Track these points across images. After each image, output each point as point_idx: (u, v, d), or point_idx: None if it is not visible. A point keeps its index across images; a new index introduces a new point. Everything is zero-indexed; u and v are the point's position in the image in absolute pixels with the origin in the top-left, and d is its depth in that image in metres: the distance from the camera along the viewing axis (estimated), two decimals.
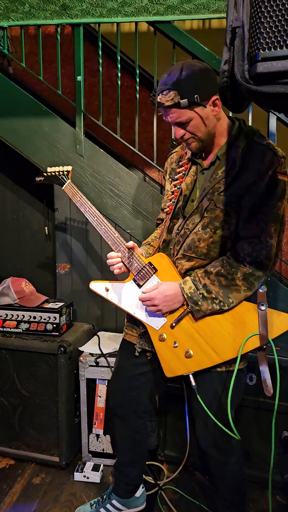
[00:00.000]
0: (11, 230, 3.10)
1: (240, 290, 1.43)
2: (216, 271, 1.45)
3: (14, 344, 2.22)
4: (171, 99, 1.38)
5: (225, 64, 0.79)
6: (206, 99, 1.39)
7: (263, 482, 2.08)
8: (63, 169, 1.98)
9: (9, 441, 2.31)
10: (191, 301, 1.46)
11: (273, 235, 1.40)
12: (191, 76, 1.37)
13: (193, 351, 1.50)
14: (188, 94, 1.36)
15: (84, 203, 1.81)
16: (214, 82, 1.41)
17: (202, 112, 1.40)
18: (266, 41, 0.70)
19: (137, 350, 1.68)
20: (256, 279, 1.43)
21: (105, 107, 3.15)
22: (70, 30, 3.31)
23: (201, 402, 1.47)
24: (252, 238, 1.41)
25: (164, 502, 2.00)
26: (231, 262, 1.44)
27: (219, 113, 1.44)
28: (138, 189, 2.50)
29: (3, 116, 2.57)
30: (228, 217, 1.45)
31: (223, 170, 1.46)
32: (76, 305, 2.64)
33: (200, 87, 1.37)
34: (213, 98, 1.40)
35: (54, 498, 2.03)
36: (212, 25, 3.38)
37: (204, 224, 1.49)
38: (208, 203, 1.48)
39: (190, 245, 1.52)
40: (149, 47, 2.48)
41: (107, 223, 1.71)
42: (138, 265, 1.61)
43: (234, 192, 1.43)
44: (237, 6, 0.76)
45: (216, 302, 1.44)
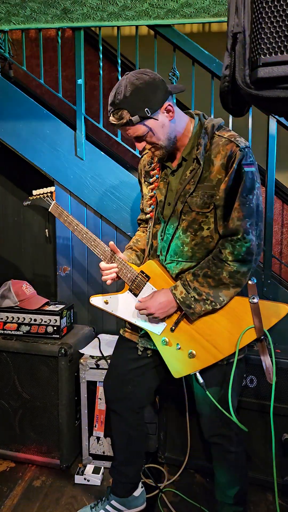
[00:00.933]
0: (11, 233, 3.11)
1: (229, 287, 1.46)
2: (203, 273, 1.47)
3: (14, 346, 2.22)
4: (122, 118, 1.40)
5: (226, 69, 0.79)
6: (158, 109, 1.40)
7: (263, 485, 2.08)
8: (46, 190, 2.00)
9: (10, 443, 2.31)
10: (184, 305, 1.49)
11: (249, 229, 1.41)
12: (137, 90, 1.37)
13: (196, 351, 1.53)
14: (138, 110, 1.38)
15: (71, 221, 1.82)
16: (162, 89, 1.41)
17: (156, 123, 1.42)
18: (267, 47, 0.71)
19: (140, 349, 1.71)
20: (243, 275, 1.45)
21: (105, 110, 3.16)
22: (71, 34, 3.33)
23: (211, 397, 1.51)
24: (231, 236, 1.43)
25: (164, 505, 2.00)
26: (216, 263, 1.46)
27: (174, 117, 1.45)
28: (138, 192, 2.50)
29: (4, 119, 2.57)
30: (206, 218, 1.47)
31: (190, 170, 1.48)
32: (77, 307, 2.64)
33: (149, 100, 1.38)
34: (165, 106, 1.41)
35: (54, 501, 2.03)
36: (212, 29, 3.40)
37: (184, 228, 1.51)
38: (182, 206, 1.50)
39: (175, 250, 1.55)
40: (149, 51, 2.49)
41: (96, 238, 1.73)
42: (131, 275, 1.64)
43: (204, 192, 1.44)
44: (238, 11, 0.76)
45: (208, 303, 1.47)
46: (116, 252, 1.66)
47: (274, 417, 2.02)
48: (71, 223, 1.81)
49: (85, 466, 2.23)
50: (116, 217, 2.53)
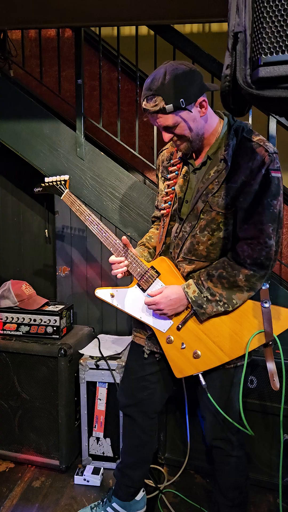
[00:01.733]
0: (11, 233, 3.10)
1: (243, 290, 1.44)
2: (218, 274, 1.46)
3: (14, 347, 2.22)
4: (156, 105, 1.37)
5: (227, 69, 0.79)
6: (192, 102, 1.38)
7: (265, 486, 2.08)
8: (60, 178, 1.97)
9: (9, 444, 2.30)
10: (196, 305, 1.47)
11: (271, 235, 1.39)
12: (175, 80, 1.34)
13: (201, 352, 1.52)
14: (173, 99, 1.35)
15: (83, 211, 1.79)
16: (199, 83, 1.39)
17: (188, 115, 1.40)
18: (268, 46, 0.71)
19: (146, 352, 1.69)
20: (258, 279, 1.44)
21: (105, 110, 3.16)
22: (71, 34, 3.33)
23: (212, 400, 1.50)
24: (251, 240, 1.41)
25: (164, 506, 2.00)
26: (232, 264, 1.44)
27: (206, 114, 1.43)
28: (138, 192, 2.50)
29: (3, 119, 2.57)
30: (225, 219, 1.46)
31: (215, 170, 1.46)
32: (76, 307, 2.64)
33: (185, 90, 1.35)
34: (200, 100, 1.39)
35: (54, 502, 2.02)
36: (212, 29, 3.40)
37: (202, 227, 1.49)
38: (203, 205, 1.48)
39: (189, 248, 1.53)
40: (149, 51, 2.49)
41: (107, 230, 1.70)
42: (141, 270, 1.62)
43: (228, 193, 1.42)
44: (239, 11, 0.76)
45: (220, 304, 1.45)
46: (128, 246, 1.63)
47: (274, 417, 2.03)
48: (83, 213, 1.79)
49: (84, 466, 2.22)
50: (116, 217, 2.53)
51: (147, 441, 1.83)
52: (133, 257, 1.63)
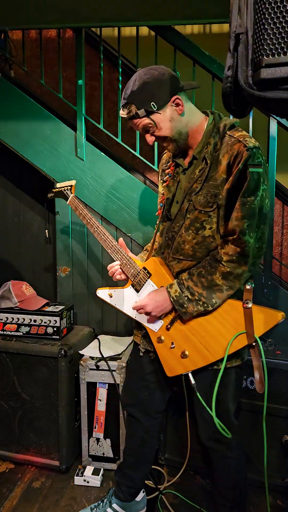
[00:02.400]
0: (11, 233, 3.10)
1: (222, 289, 1.44)
2: (198, 272, 1.47)
3: (14, 347, 2.22)
4: (130, 111, 1.45)
5: (228, 70, 0.79)
6: (165, 103, 1.43)
7: (263, 486, 2.07)
8: (67, 184, 2.11)
9: (9, 444, 2.30)
10: (177, 304, 1.49)
11: (246, 230, 1.37)
12: (144, 85, 1.41)
13: (189, 351, 1.54)
14: (144, 104, 1.42)
15: (85, 215, 1.89)
16: (170, 85, 1.42)
17: (164, 117, 1.45)
18: (270, 47, 0.71)
19: (141, 350, 1.73)
20: (236, 277, 1.42)
21: (105, 111, 3.16)
22: (72, 34, 3.33)
23: (201, 399, 1.50)
24: (228, 237, 1.42)
25: (164, 506, 2.00)
26: (211, 263, 1.45)
27: (184, 111, 1.46)
28: (138, 193, 2.50)
29: (4, 120, 2.57)
30: (207, 217, 1.46)
31: (199, 169, 1.48)
32: (77, 308, 2.64)
33: (155, 94, 1.41)
34: (173, 99, 1.43)
35: (54, 503, 2.02)
36: (212, 30, 3.40)
37: (186, 226, 1.51)
38: (187, 205, 1.50)
39: (177, 247, 1.55)
40: (150, 52, 2.49)
41: (105, 232, 1.79)
42: (134, 271, 1.67)
43: (209, 191, 1.43)
44: (240, 12, 0.76)
45: (200, 304, 1.46)
46: (123, 248, 1.71)
47: (274, 418, 2.03)
48: (85, 217, 1.88)
49: (84, 467, 2.22)
50: (116, 218, 2.53)
51: (149, 442, 1.83)
52: (128, 258, 1.69)
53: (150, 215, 2.49)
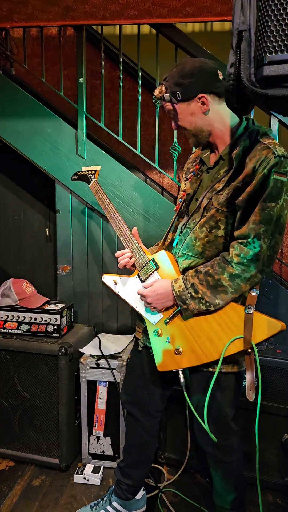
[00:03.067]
0: (12, 232, 3.10)
1: (227, 291, 1.42)
2: (205, 271, 1.46)
3: (14, 345, 2.22)
4: (159, 92, 1.51)
5: (231, 67, 0.79)
6: (191, 96, 1.46)
7: (263, 485, 2.08)
8: (92, 168, 2.18)
9: (9, 442, 2.30)
10: (179, 300, 1.48)
11: (262, 235, 1.36)
12: (179, 72, 1.45)
13: (183, 349, 1.53)
14: (171, 90, 1.47)
15: (104, 200, 1.92)
16: (205, 81, 1.44)
17: (186, 108, 1.48)
18: (273, 45, 0.70)
19: (140, 345, 1.73)
20: (243, 281, 1.41)
21: (106, 109, 3.16)
22: (72, 32, 3.32)
23: (187, 398, 1.51)
24: (242, 239, 1.40)
25: (164, 505, 2.00)
26: (219, 262, 1.44)
27: (209, 110, 1.47)
28: (139, 191, 2.50)
29: (5, 118, 2.57)
30: (224, 217, 1.46)
31: (224, 170, 1.48)
32: (77, 306, 2.64)
33: (184, 84, 1.44)
34: (199, 96, 1.45)
35: (54, 500, 2.02)
36: (214, 28, 3.39)
37: (201, 223, 1.50)
38: (206, 202, 1.50)
39: (188, 243, 1.54)
40: (151, 50, 2.48)
41: (121, 220, 1.79)
42: (142, 261, 1.66)
43: (231, 192, 1.42)
44: (243, 9, 0.76)
45: (202, 302, 1.44)
46: (136, 238, 1.72)
47: (274, 417, 2.03)
48: (104, 202, 1.91)
49: (84, 465, 2.22)
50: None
51: (149, 441, 1.83)
52: (138, 248, 1.69)
53: (151, 214, 2.49)
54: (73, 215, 2.61)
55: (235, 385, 1.57)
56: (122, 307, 2.62)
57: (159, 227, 2.48)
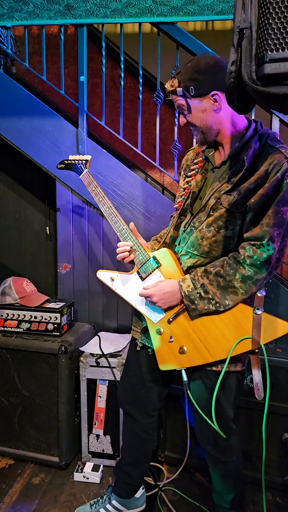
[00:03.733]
0: (12, 230, 3.10)
1: (238, 292, 1.43)
2: (216, 271, 1.45)
3: (14, 343, 2.22)
4: (171, 85, 1.47)
5: (232, 65, 0.79)
6: (204, 93, 1.43)
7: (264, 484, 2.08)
8: (82, 158, 2.05)
9: (9, 440, 2.31)
10: (188, 300, 1.47)
11: (276, 239, 1.38)
12: (194, 67, 1.42)
13: (187, 348, 1.52)
14: (185, 84, 1.43)
15: (99, 192, 1.83)
16: (219, 78, 1.42)
17: (199, 104, 1.45)
18: (274, 42, 0.70)
19: (138, 345, 1.71)
20: (255, 283, 1.42)
21: (107, 108, 3.15)
22: (73, 31, 3.32)
23: (191, 397, 1.50)
24: (255, 241, 1.41)
25: (164, 503, 2.00)
26: (231, 263, 1.44)
27: (221, 108, 1.45)
28: (140, 190, 2.50)
29: (5, 116, 2.57)
30: (233, 217, 1.46)
31: (233, 170, 1.47)
32: (77, 305, 2.64)
33: (199, 80, 1.41)
34: (212, 93, 1.43)
35: (53, 498, 2.02)
36: (215, 27, 3.39)
37: (209, 223, 1.49)
38: (214, 202, 1.49)
39: (193, 242, 1.53)
40: (152, 48, 2.48)
41: (117, 214, 1.72)
42: (143, 258, 1.63)
43: (241, 193, 1.42)
44: (245, 7, 0.76)
45: (212, 303, 1.44)
46: (134, 233, 1.66)
47: (274, 416, 2.03)
48: (97, 194, 1.83)
49: (84, 463, 2.23)
50: None
51: (147, 439, 1.83)
52: (138, 244, 1.64)
53: (152, 212, 2.49)
54: (73, 213, 2.61)
55: (236, 385, 1.57)
56: (123, 306, 2.62)
57: (159, 226, 2.47)
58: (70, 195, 2.60)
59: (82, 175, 1.97)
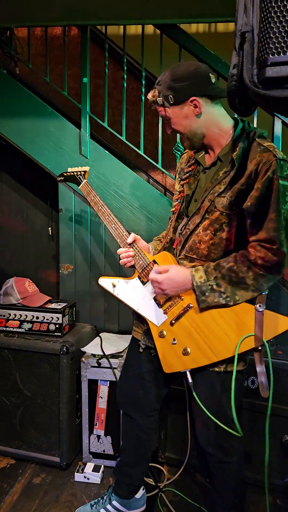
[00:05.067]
0: (15, 231, 3.11)
1: (248, 289, 1.43)
2: (229, 267, 1.44)
3: (16, 344, 2.23)
4: (152, 95, 1.51)
5: (234, 68, 0.79)
6: (182, 100, 1.46)
7: (263, 486, 2.07)
8: (81, 169, 2.11)
9: (10, 440, 2.31)
10: (199, 291, 1.46)
11: (284, 242, 1.39)
12: (171, 76, 1.45)
13: (191, 349, 1.52)
14: (163, 94, 1.47)
15: (97, 201, 1.88)
16: (197, 84, 1.45)
17: (180, 111, 1.49)
18: (275, 46, 0.70)
19: (141, 346, 1.72)
20: (266, 281, 1.43)
21: (110, 109, 3.16)
22: (77, 32, 3.33)
23: (197, 398, 1.49)
24: (265, 243, 1.40)
25: (164, 504, 2.00)
26: (244, 261, 1.43)
27: (201, 113, 1.47)
28: (142, 191, 2.51)
29: (9, 117, 2.58)
30: (228, 219, 1.46)
31: (224, 171, 1.48)
32: (79, 305, 2.64)
33: (177, 87, 1.45)
34: (191, 99, 1.46)
35: (54, 498, 2.03)
36: (218, 29, 3.39)
37: (205, 226, 1.50)
38: (208, 204, 1.50)
39: (191, 246, 1.54)
40: (155, 50, 2.49)
41: (117, 221, 1.78)
42: (143, 263, 1.65)
43: (234, 195, 1.43)
44: (246, 10, 0.76)
45: (223, 297, 1.44)
46: (135, 240, 1.70)
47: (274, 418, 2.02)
48: (97, 203, 1.88)
49: (85, 464, 2.23)
50: (119, 216, 2.51)
51: (146, 440, 1.83)
52: (138, 249, 1.68)
53: (153, 213, 2.50)
54: (75, 214, 2.62)
55: (237, 385, 1.57)
56: (124, 307, 2.62)
57: (161, 227, 2.48)
58: (72, 196, 2.60)
59: (81, 186, 2.02)
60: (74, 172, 2.10)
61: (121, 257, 1.69)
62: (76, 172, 2.09)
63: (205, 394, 1.53)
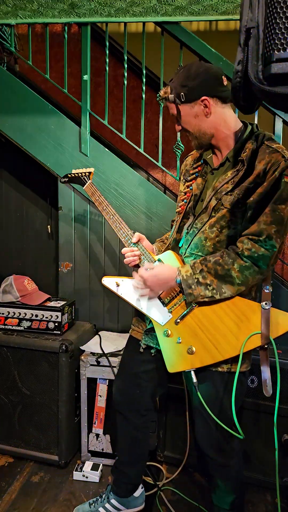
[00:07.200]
0: (14, 228, 3.10)
1: (234, 282, 1.43)
2: (215, 260, 1.46)
3: (15, 342, 2.22)
4: (164, 92, 1.53)
5: (238, 65, 0.79)
6: (194, 98, 1.48)
7: (263, 485, 2.08)
8: (85, 170, 2.10)
9: (9, 438, 2.30)
10: (185, 284, 1.47)
11: (273, 236, 1.40)
12: (184, 74, 1.48)
13: (196, 348, 1.51)
14: (176, 91, 1.49)
15: (102, 201, 1.88)
16: (209, 84, 1.47)
17: (190, 110, 1.50)
18: (281, 42, 0.70)
19: (142, 346, 1.71)
20: (251, 274, 1.43)
21: (110, 107, 3.15)
22: (77, 29, 3.32)
23: (201, 398, 1.48)
24: (253, 236, 1.42)
25: (163, 503, 2.00)
26: (229, 253, 1.45)
27: (211, 114, 1.49)
28: (142, 190, 2.50)
29: (8, 114, 2.57)
30: (235, 217, 1.47)
31: (233, 171, 1.50)
32: (78, 304, 2.64)
33: (189, 86, 1.46)
34: (202, 98, 1.47)
35: (52, 497, 2.02)
36: (218, 27, 3.38)
37: (211, 223, 1.51)
38: (215, 203, 1.51)
39: (197, 243, 1.54)
40: (156, 48, 2.48)
41: (122, 221, 1.79)
42: (148, 262, 1.65)
43: (241, 193, 1.45)
44: (252, 6, 0.75)
45: (209, 289, 1.45)
46: (140, 239, 1.71)
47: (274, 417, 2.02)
48: (101, 203, 1.88)
49: (83, 462, 2.23)
50: (119, 214, 2.49)
51: (141, 439, 1.83)
52: (142, 249, 1.69)
53: (153, 212, 2.49)
54: (75, 212, 2.61)
55: (239, 387, 1.57)
56: (123, 305, 2.62)
57: (161, 226, 2.47)
58: (72, 194, 2.60)
59: (86, 186, 2.02)
60: (78, 173, 2.10)
61: (126, 256, 1.69)
62: (81, 173, 2.09)
63: (207, 393, 1.53)
